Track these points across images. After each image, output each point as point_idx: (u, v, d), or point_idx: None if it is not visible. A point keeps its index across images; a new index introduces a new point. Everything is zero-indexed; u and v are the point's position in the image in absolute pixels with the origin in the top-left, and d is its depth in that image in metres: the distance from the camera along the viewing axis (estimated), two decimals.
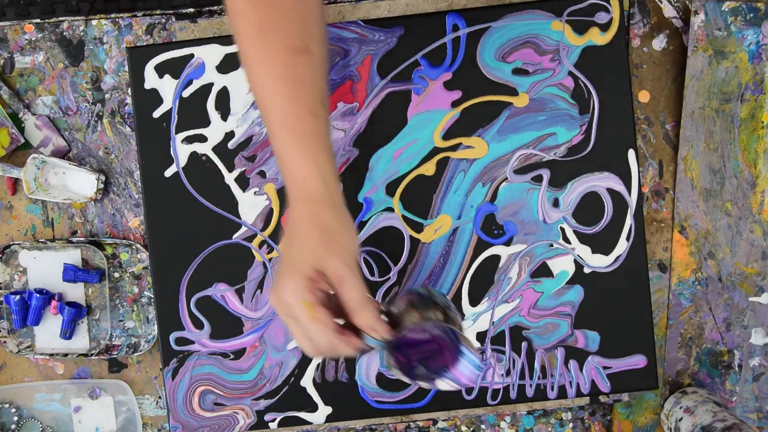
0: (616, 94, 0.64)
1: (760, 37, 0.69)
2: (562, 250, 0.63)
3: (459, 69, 0.63)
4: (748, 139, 0.70)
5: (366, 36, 0.63)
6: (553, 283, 0.64)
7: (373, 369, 0.64)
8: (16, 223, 0.71)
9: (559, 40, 0.63)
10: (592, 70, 0.63)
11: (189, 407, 0.65)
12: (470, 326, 0.64)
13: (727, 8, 0.69)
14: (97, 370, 0.71)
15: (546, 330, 0.64)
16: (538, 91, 0.63)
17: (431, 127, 0.63)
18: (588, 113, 0.63)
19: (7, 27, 0.70)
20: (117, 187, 0.71)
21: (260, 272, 0.64)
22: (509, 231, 0.64)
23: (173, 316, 0.65)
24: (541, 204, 0.63)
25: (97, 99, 0.70)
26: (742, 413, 0.71)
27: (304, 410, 0.64)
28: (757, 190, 0.70)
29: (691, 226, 0.70)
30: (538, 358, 0.64)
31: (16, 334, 0.71)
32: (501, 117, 0.63)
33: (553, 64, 0.63)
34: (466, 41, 0.63)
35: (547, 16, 0.63)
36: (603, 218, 0.63)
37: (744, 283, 0.70)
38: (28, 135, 0.70)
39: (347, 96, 0.63)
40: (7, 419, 0.71)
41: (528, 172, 0.63)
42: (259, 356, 0.64)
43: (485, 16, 0.63)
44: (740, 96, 0.69)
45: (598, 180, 0.64)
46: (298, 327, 0.48)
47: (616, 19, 0.63)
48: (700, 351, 0.71)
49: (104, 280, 0.70)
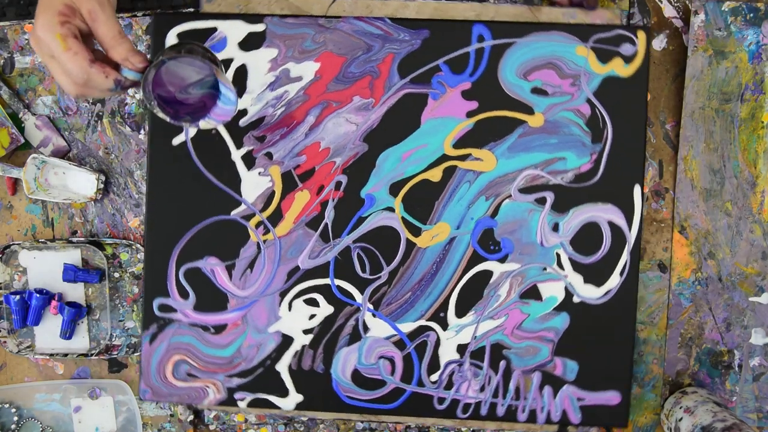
0: (631, 128, 0.63)
1: (760, 37, 0.69)
2: (555, 276, 0.63)
3: (479, 80, 0.63)
4: (748, 139, 0.70)
5: (391, 34, 0.63)
6: (541, 307, 0.64)
7: (350, 365, 0.64)
8: (16, 223, 0.71)
9: (581, 65, 0.62)
10: (611, 100, 0.63)
11: (162, 374, 0.65)
12: (453, 337, 0.64)
13: (727, 8, 0.69)
14: (97, 370, 0.71)
15: (527, 352, 0.64)
16: (554, 113, 0.63)
17: (443, 134, 0.63)
18: (600, 143, 0.63)
19: (7, 27, 0.70)
20: (117, 187, 0.71)
21: (253, 252, 0.64)
22: (505, 248, 0.63)
23: (160, 283, 0.64)
24: (540, 226, 0.63)
25: (97, 99, 0.70)
26: (742, 413, 0.71)
27: (275, 394, 0.64)
28: (757, 190, 0.70)
29: (691, 226, 0.70)
30: (514, 378, 0.64)
31: (16, 334, 0.71)
32: (514, 134, 0.63)
33: (572, 88, 0.63)
34: (489, 53, 0.63)
35: (573, 40, 0.62)
36: (600, 250, 0.63)
37: (744, 283, 0.70)
38: (28, 135, 0.70)
39: (364, 91, 0.63)
40: (7, 419, 0.71)
41: (532, 193, 0.63)
42: (239, 335, 0.64)
43: (512, 31, 0.63)
44: (740, 96, 0.69)
45: (600, 211, 0.63)
46: (55, 63, 0.50)
47: (641, 53, 0.63)
48: (700, 351, 0.71)
49: (104, 280, 0.70)
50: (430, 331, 0.64)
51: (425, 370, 0.64)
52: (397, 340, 0.64)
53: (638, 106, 0.63)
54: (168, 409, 0.71)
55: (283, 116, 0.64)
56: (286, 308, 0.64)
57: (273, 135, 0.64)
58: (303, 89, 0.64)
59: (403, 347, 0.64)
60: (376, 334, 0.64)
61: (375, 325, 0.64)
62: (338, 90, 0.63)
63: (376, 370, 0.64)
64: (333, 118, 0.64)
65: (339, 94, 0.63)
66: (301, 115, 0.64)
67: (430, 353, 0.64)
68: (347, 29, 0.63)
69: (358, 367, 0.64)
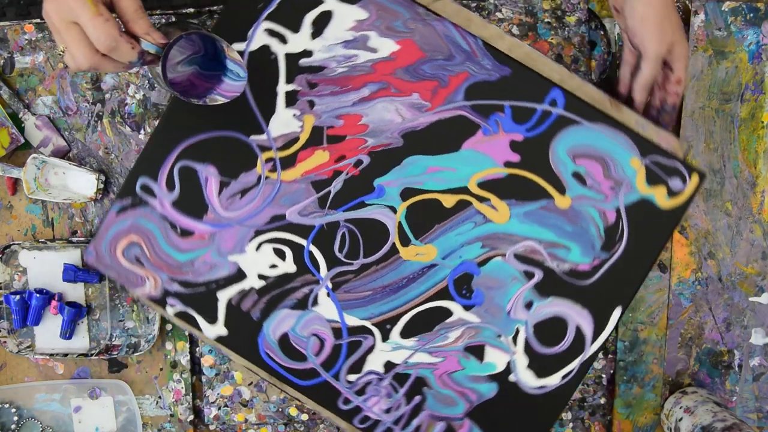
0: (642, 257, 0.62)
1: (760, 37, 0.69)
2: (505, 347, 0.63)
3: (532, 138, 0.62)
4: (748, 139, 0.70)
5: (476, 56, 0.62)
6: (478, 367, 0.63)
7: (283, 327, 0.63)
8: (16, 223, 0.71)
9: (629, 176, 0.61)
10: (638, 222, 0.62)
11: (113, 247, 0.64)
12: (387, 351, 0.63)
13: (727, 8, 0.69)
14: (97, 370, 0.71)
15: (444, 400, 0.63)
16: (581, 204, 0.62)
17: (475, 169, 0.63)
18: (608, 253, 0.62)
19: (7, 27, 0.70)
20: (117, 187, 0.71)
21: (251, 181, 0.63)
22: (475, 299, 0.63)
23: (154, 165, 0.63)
24: (516, 297, 0.63)
25: (97, 99, 0.70)
26: (742, 413, 0.71)
27: (204, 317, 0.63)
28: (757, 190, 0.70)
29: (691, 226, 0.70)
30: (420, 417, 0.63)
31: (16, 334, 0.71)
32: (537, 203, 0.62)
33: (610, 191, 0.62)
34: (554, 120, 0.62)
35: (633, 150, 0.61)
36: (557, 346, 0.63)
37: (744, 283, 0.70)
38: (28, 135, 0.70)
39: (426, 93, 0.62)
40: (7, 419, 0.71)
41: (525, 264, 0.63)
42: (201, 248, 0.63)
43: (584, 112, 0.61)
44: (740, 96, 0.69)
45: (576, 313, 0.62)
46: (75, 30, 0.48)
47: (687, 195, 0.61)
48: (700, 351, 0.71)
49: (104, 280, 0.70)
50: (370, 335, 0.63)
51: (347, 367, 0.63)
52: (336, 327, 0.63)
53: (659, 241, 0.62)
54: (168, 409, 0.71)
55: (342, 76, 0.63)
56: (254, 246, 0.63)
57: (324, 88, 0.63)
58: (372, 62, 0.62)
59: (339, 337, 0.63)
60: (321, 312, 0.63)
61: (325, 303, 0.63)
62: (403, 79, 0.62)
63: (304, 344, 0.63)
64: (385, 101, 0.63)
65: (402, 83, 0.63)
66: (359, 84, 0.63)
67: (359, 355, 0.63)
68: (440, 30, 0.62)
69: (289, 332, 0.63)
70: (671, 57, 0.62)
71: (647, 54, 0.61)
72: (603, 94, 0.62)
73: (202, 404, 0.72)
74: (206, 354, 0.71)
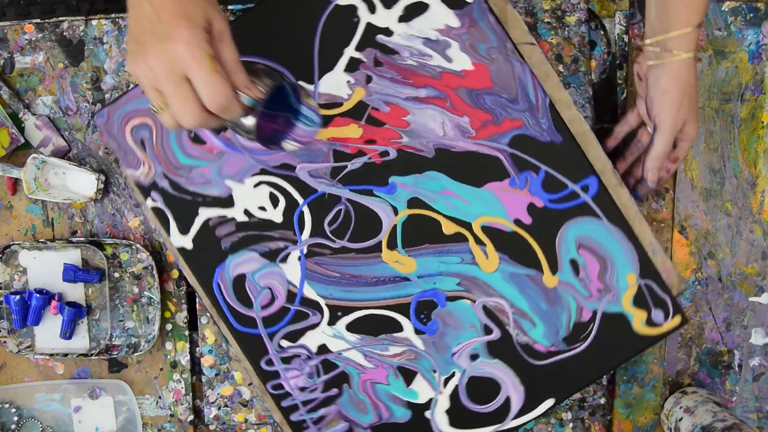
0: (596, 364, 0.63)
1: (760, 37, 0.69)
2: (434, 384, 0.63)
3: (549, 211, 0.62)
4: (748, 139, 0.70)
5: (538, 111, 0.62)
6: (402, 390, 0.63)
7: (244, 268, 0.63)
8: (16, 223, 0.71)
9: (619, 288, 0.62)
10: (607, 333, 0.62)
11: (125, 120, 0.63)
12: (327, 336, 0.63)
13: (727, 8, 0.69)
14: (97, 370, 0.71)
15: (357, 405, 0.63)
16: (565, 291, 0.62)
17: (485, 211, 0.63)
18: (567, 347, 0.63)
19: (7, 27, 0.70)
20: (117, 187, 0.71)
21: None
22: (430, 328, 0.63)
23: None
24: (466, 344, 0.63)
25: (97, 99, 0.70)
26: (742, 413, 0.71)
27: (178, 224, 0.63)
28: (757, 190, 0.70)
29: (691, 226, 0.70)
30: (329, 410, 0.63)
31: (16, 334, 0.71)
32: (526, 270, 0.62)
33: (595, 292, 0.62)
34: (578, 204, 0.62)
35: (635, 265, 0.62)
36: (480, 406, 0.63)
37: (744, 283, 0.70)
38: (28, 135, 0.70)
39: (476, 121, 0.62)
40: (7, 419, 0.71)
41: (489, 318, 0.63)
42: (205, 160, 0.63)
43: (608, 209, 0.62)
44: (740, 96, 0.69)
45: (512, 385, 0.63)
46: (186, 87, 0.44)
47: (662, 330, 0.62)
48: (700, 351, 0.71)
49: (104, 280, 0.70)
50: (319, 313, 0.63)
51: (285, 332, 0.63)
52: (293, 291, 0.63)
53: (617, 359, 0.63)
54: (168, 409, 0.71)
55: (409, 69, 0.62)
56: (254, 182, 0.63)
57: (387, 71, 0.62)
58: (442, 70, 0.62)
59: (291, 301, 0.63)
60: (285, 271, 0.63)
61: (293, 265, 0.63)
62: (462, 99, 0.62)
63: (256, 292, 0.63)
64: (436, 111, 0.62)
65: (459, 102, 0.62)
66: (420, 83, 0.62)
67: (301, 326, 0.63)
68: (517, 71, 0.62)
69: (248, 275, 0.63)
70: (680, 135, 0.63)
71: (662, 127, 0.61)
72: (633, 202, 0.62)
73: (202, 404, 0.72)
74: (206, 354, 0.71)
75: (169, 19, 0.43)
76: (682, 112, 0.61)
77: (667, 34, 0.60)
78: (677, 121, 0.61)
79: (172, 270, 0.71)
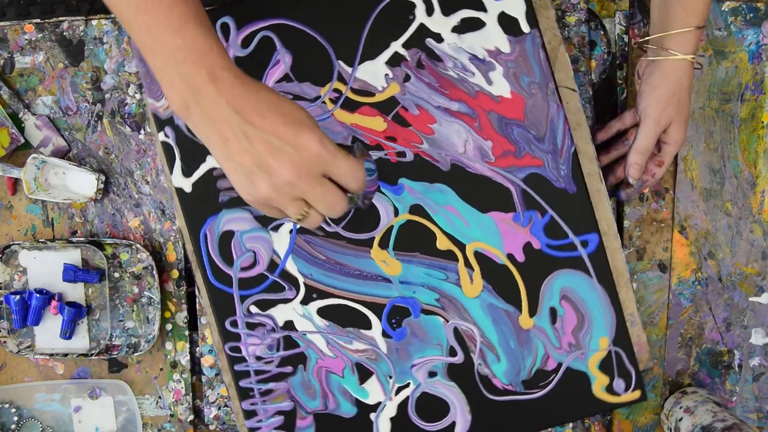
0: (546, 414, 0.63)
1: (760, 37, 0.69)
2: (387, 389, 0.63)
3: (545, 255, 0.63)
4: (748, 139, 0.70)
5: (561, 156, 0.62)
6: (354, 386, 0.63)
7: (234, 225, 0.63)
8: (16, 223, 0.71)
9: (590, 348, 0.63)
10: (566, 388, 0.63)
11: None
12: (298, 314, 0.63)
13: (727, 8, 0.69)
14: (97, 370, 0.71)
15: (307, 388, 0.63)
16: (537, 335, 0.63)
17: (482, 237, 0.63)
18: (524, 390, 0.63)
19: (7, 27, 0.70)
20: (117, 187, 0.71)
21: (309, 95, 0.62)
22: (397, 334, 0.63)
23: (245, 17, 0.62)
24: (428, 360, 0.63)
25: (97, 99, 0.70)
26: (742, 413, 0.71)
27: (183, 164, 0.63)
28: (757, 190, 0.70)
29: (691, 226, 0.70)
30: (278, 385, 0.63)
31: (16, 334, 0.71)
32: (505, 305, 0.63)
33: (566, 346, 0.63)
34: (573, 256, 0.62)
35: (610, 331, 0.62)
36: (424, 422, 0.63)
37: (744, 283, 0.70)
38: (28, 135, 0.70)
39: (498, 149, 0.62)
40: (7, 419, 0.71)
41: (456, 341, 0.63)
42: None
43: (600, 270, 0.62)
44: (740, 96, 0.69)
45: (461, 412, 0.63)
46: (328, 183, 0.46)
47: (619, 400, 0.63)
48: (700, 351, 0.71)
49: (104, 280, 0.70)
50: (295, 290, 0.63)
51: (257, 299, 0.63)
52: (275, 261, 0.63)
53: (567, 416, 0.63)
54: (168, 409, 0.71)
55: (448, 79, 0.62)
56: None
57: (427, 76, 0.62)
58: (480, 90, 0.62)
59: (271, 270, 0.63)
60: (273, 240, 0.63)
61: (282, 236, 0.63)
62: (491, 123, 0.62)
63: (239, 253, 0.63)
64: (462, 127, 0.62)
65: (488, 125, 0.62)
66: (455, 96, 0.62)
67: (274, 298, 0.63)
68: (551, 112, 0.62)
69: (236, 234, 0.63)
70: (665, 137, 0.63)
71: (646, 121, 0.62)
72: (626, 270, 0.64)
73: (202, 404, 0.72)
74: (206, 354, 0.71)
75: (287, 131, 0.44)
76: (668, 111, 0.61)
77: (665, 32, 0.60)
78: (662, 117, 0.61)
79: (172, 270, 0.71)
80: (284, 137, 0.44)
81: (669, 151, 0.64)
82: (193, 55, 0.43)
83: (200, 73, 0.43)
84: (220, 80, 0.44)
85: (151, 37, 0.44)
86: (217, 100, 0.43)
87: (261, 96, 0.44)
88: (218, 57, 0.44)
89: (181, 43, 0.43)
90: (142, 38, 0.44)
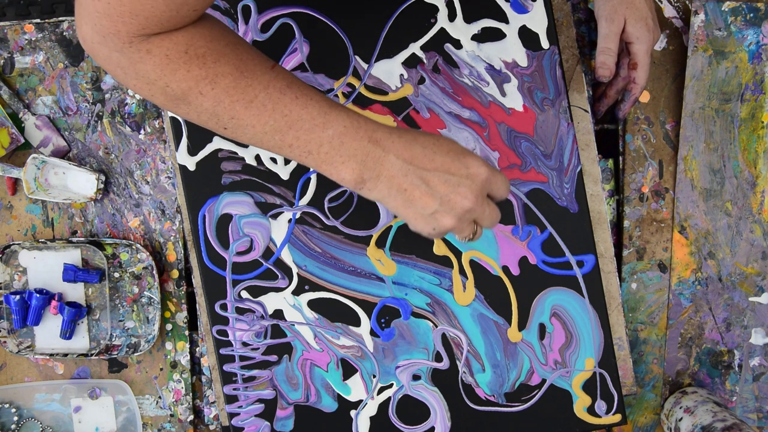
0: (525, 429, 0.64)
1: (760, 37, 0.69)
2: (369, 388, 0.64)
3: (540, 271, 0.63)
4: (748, 139, 0.70)
5: (566, 175, 0.63)
6: (337, 382, 0.64)
7: (232, 209, 0.63)
8: (16, 223, 0.71)
9: (576, 368, 0.63)
10: (548, 403, 0.63)
11: None
12: (288, 304, 0.63)
13: (727, 8, 0.69)
14: (97, 370, 0.71)
15: (291, 379, 0.64)
16: (524, 350, 0.63)
17: (479, 248, 0.63)
18: (506, 402, 0.64)
19: (7, 27, 0.70)
20: (117, 187, 0.71)
21: (322, 86, 0.62)
22: (386, 334, 0.64)
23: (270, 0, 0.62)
24: (413, 363, 0.63)
25: (97, 99, 0.70)
26: (742, 413, 0.71)
27: (190, 142, 0.63)
28: (757, 190, 0.70)
29: (691, 226, 0.70)
30: (262, 373, 0.64)
31: (16, 334, 0.71)
32: (495, 316, 0.63)
33: (552, 363, 0.63)
34: (566, 276, 0.63)
35: (598, 353, 0.63)
36: (404, 425, 0.64)
37: (744, 283, 0.70)
38: (28, 135, 0.70)
39: (504, 161, 0.63)
40: (7, 419, 0.71)
41: (444, 347, 0.63)
42: None
43: (593, 292, 0.63)
44: (740, 96, 0.69)
45: (441, 418, 0.63)
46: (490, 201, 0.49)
47: (598, 421, 0.64)
48: (700, 351, 0.71)
49: (104, 280, 0.70)
50: (288, 279, 0.63)
51: (249, 285, 0.63)
52: (271, 249, 0.63)
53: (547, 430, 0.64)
54: (168, 409, 0.71)
55: (462, 86, 0.63)
56: None
57: (442, 80, 0.63)
58: (493, 100, 0.63)
59: (266, 258, 0.63)
60: (271, 227, 0.63)
61: (281, 224, 0.63)
62: (500, 134, 0.63)
63: (236, 237, 0.63)
64: (471, 136, 0.63)
65: (496, 136, 0.63)
66: (468, 103, 0.63)
67: (266, 285, 0.63)
68: (562, 130, 0.62)
69: (234, 217, 0.63)
70: (626, 35, 0.62)
71: (599, 22, 0.62)
72: (619, 294, 0.65)
73: (202, 404, 0.72)
74: (206, 354, 0.71)
75: (458, 166, 0.47)
76: (619, 9, 0.61)
77: None
78: (613, 15, 0.61)
79: (172, 270, 0.71)
80: (458, 172, 0.47)
81: (637, 50, 0.62)
82: (346, 135, 0.46)
83: (361, 144, 0.46)
84: (381, 141, 0.47)
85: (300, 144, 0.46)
86: (387, 159, 0.47)
87: (420, 141, 0.47)
88: (364, 122, 0.47)
89: (332, 132, 0.46)
90: (295, 152, 0.47)
